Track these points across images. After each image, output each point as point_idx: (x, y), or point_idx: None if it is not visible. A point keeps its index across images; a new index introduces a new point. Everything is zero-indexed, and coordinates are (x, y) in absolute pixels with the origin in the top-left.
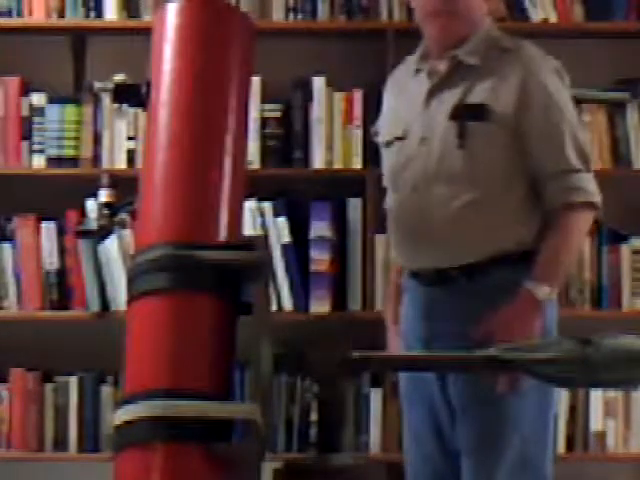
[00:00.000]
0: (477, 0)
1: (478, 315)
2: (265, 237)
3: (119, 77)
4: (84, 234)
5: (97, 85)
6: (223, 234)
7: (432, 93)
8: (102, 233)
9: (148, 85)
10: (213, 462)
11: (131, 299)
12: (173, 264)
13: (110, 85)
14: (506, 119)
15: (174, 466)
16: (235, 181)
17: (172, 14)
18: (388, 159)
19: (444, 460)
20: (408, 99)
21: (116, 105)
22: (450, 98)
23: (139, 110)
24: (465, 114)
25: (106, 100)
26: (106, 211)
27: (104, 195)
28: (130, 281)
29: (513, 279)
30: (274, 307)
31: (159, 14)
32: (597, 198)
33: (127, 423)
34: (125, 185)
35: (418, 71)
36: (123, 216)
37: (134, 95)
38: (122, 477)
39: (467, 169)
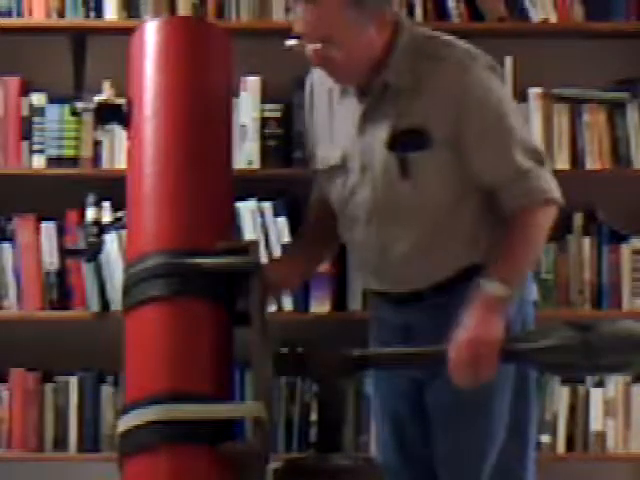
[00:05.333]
0: (361, 38)
1: (450, 328)
2: (258, 242)
3: (101, 96)
4: (74, 253)
5: (80, 105)
6: (216, 240)
7: (365, 117)
8: (91, 251)
9: (129, 103)
10: (221, 462)
11: (129, 308)
12: (169, 272)
13: (92, 105)
14: (446, 139)
15: (183, 468)
16: (224, 187)
17: (151, 32)
18: (330, 187)
19: (409, 476)
20: (341, 122)
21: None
22: (384, 124)
23: None
24: (403, 143)
25: None
26: (94, 229)
27: (92, 213)
28: (126, 290)
29: None
30: (274, 307)
31: (137, 33)
32: (553, 193)
33: (134, 428)
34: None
35: (345, 91)
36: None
37: (116, 114)
38: None
39: (415, 200)
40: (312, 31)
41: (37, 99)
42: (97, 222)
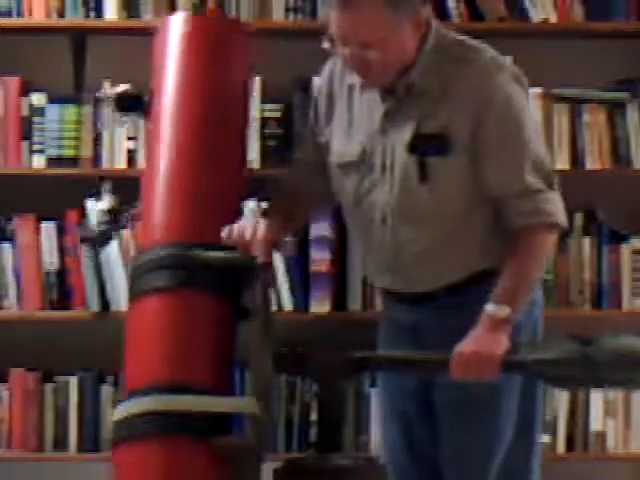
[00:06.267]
0: (398, 39)
1: (462, 329)
2: None
3: (122, 87)
4: (85, 240)
5: (98, 94)
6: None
7: (387, 117)
8: (103, 239)
9: (150, 95)
10: (214, 455)
11: (133, 297)
12: (173, 263)
13: (111, 93)
14: (465, 144)
15: (175, 460)
16: (235, 183)
17: (175, 26)
18: (343, 181)
19: (417, 475)
20: (360, 118)
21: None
22: (407, 125)
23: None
24: (424, 147)
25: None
26: (107, 218)
27: (106, 201)
28: (133, 280)
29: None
30: (274, 307)
31: (161, 25)
32: (559, 218)
33: (130, 417)
34: (126, 186)
35: (366, 87)
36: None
37: (136, 105)
38: (122, 469)
39: (431, 205)
40: (351, 37)
41: (37, 99)
42: (110, 210)
